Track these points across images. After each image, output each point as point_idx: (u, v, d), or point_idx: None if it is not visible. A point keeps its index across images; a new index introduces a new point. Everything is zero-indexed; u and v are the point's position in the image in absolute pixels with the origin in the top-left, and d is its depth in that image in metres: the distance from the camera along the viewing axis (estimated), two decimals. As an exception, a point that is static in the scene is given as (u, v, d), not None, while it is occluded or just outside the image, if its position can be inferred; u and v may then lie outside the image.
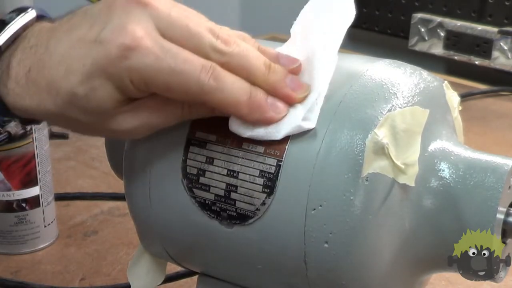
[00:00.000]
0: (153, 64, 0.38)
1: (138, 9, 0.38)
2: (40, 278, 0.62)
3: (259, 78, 0.40)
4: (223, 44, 0.39)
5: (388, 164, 0.40)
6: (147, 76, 0.38)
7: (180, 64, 0.38)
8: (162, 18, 0.39)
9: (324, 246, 0.40)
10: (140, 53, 0.38)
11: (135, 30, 0.38)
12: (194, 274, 0.55)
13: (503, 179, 0.41)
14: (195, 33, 0.39)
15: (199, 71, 0.38)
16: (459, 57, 1.19)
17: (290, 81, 0.41)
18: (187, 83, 0.38)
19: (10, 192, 0.64)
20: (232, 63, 0.39)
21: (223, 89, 0.39)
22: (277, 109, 0.40)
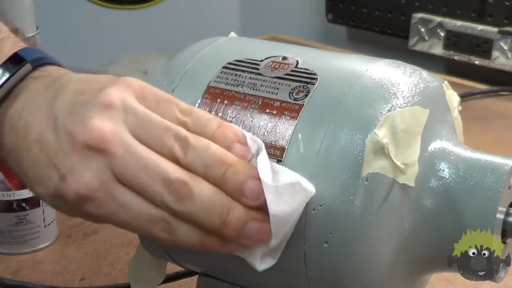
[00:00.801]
0: (106, 215, 0.39)
1: (96, 156, 0.38)
2: (40, 278, 0.62)
3: (213, 231, 0.39)
4: (176, 201, 0.38)
5: (388, 164, 0.40)
6: (102, 220, 0.40)
7: (132, 218, 0.39)
8: (118, 167, 0.38)
9: (324, 246, 0.40)
10: (94, 204, 0.39)
11: (92, 182, 0.38)
12: (194, 274, 0.55)
13: (503, 179, 0.41)
14: (147, 188, 0.38)
15: (150, 225, 0.39)
16: (459, 57, 1.19)
17: (248, 230, 0.39)
18: (140, 233, 0.41)
19: (10, 192, 0.64)
20: (185, 218, 0.39)
21: (175, 239, 0.39)
22: (232, 249, 0.40)
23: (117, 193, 0.39)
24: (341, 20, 1.39)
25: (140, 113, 0.39)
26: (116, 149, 0.38)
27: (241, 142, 0.40)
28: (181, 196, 0.38)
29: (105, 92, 0.39)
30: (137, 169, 0.38)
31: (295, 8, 1.52)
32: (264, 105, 0.43)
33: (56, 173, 0.39)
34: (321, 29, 1.47)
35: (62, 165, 0.39)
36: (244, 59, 0.46)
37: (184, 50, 0.49)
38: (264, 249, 0.40)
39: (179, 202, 0.38)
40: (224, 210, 0.38)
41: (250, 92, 0.44)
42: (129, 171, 0.38)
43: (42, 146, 0.40)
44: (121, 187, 0.39)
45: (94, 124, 0.38)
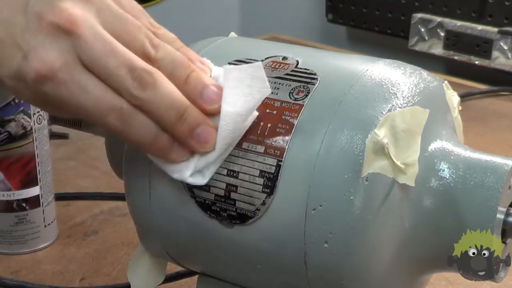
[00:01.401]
0: (64, 96, 0.39)
1: (63, 37, 0.38)
2: (40, 278, 0.62)
3: (166, 126, 0.40)
4: (138, 88, 0.39)
5: (388, 164, 0.40)
6: (59, 104, 0.40)
7: (90, 102, 0.39)
8: (84, 50, 0.39)
9: (324, 246, 0.40)
10: (54, 84, 0.39)
11: (54, 61, 0.38)
12: (194, 274, 0.55)
13: (503, 179, 0.41)
14: (112, 73, 0.39)
15: (107, 112, 0.39)
16: (459, 57, 1.19)
17: (199, 132, 0.40)
18: (94, 120, 0.40)
19: (10, 192, 0.64)
20: (144, 107, 0.39)
21: (128, 131, 0.40)
22: (178, 154, 0.41)
23: (78, 75, 0.39)
24: (341, 20, 1.39)
25: (114, 9, 0.40)
26: (84, 32, 0.38)
27: (201, 61, 0.42)
28: (144, 83, 0.39)
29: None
30: (103, 53, 0.39)
31: (295, 8, 1.52)
32: (264, 105, 0.43)
33: (19, 52, 0.39)
34: (321, 29, 1.47)
35: (26, 44, 0.39)
36: (244, 59, 0.46)
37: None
38: (199, 164, 0.41)
39: (141, 89, 0.39)
40: (182, 107, 0.40)
41: (250, 92, 0.44)
42: (95, 54, 0.39)
43: (9, 27, 0.39)
44: (84, 70, 0.39)
45: (65, 6, 0.39)
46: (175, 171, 0.42)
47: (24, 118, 0.63)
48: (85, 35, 0.39)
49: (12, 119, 0.62)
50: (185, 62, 0.41)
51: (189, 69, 0.41)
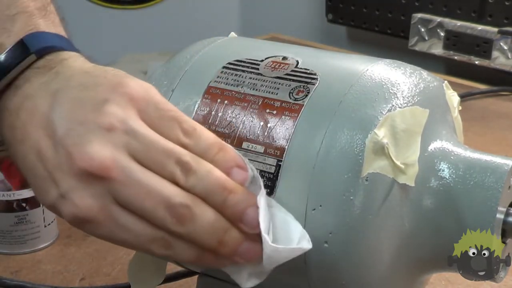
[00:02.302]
0: (106, 235, 0.39)
1: (97, 182, 0.38)
2: (40, 278, 0.62)
3: (210, 250, 0.39)
4: (177, 224, 0.38)
5: (388, 164, 0.40)
6: (101, 237, 0.40)
7: (131, 238, 0.39)
8: (119, 192, 0.38)
9: (324, 246, 0.40)
10: (93, 225, 0.39)
11: (92, 205, 0.38)
12: (194, 274, 0.55)
13: (503, 179, 0.41)
14: (149, 213, 0.38)
15: (149, 243, 0.39)
16: (459, 57, 1.19)
17: (242, 250, 0.39)
18: (140, 249, 0.41)
19: (10, 192, 0.64)
20: (184, 238, 0.39)
21: (173, 255, 0.40)
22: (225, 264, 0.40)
23: (117, 216, 0.39)
24: (341, 20, 1.39)
25: (141, 135, 0.39)
26: (117, 175, 0.38)
27: (240, 166, 0.40)
28: (183, 219, 0.38)
29: (105, 112, 0.39)
30: (138, 194, 0.38)
31: (295, 8, 1.52)
32: (264, 105, 0.43)
33: (55, 190, 0.39)
34: (321, 29, 1.47)
35: (61, 183, 0.39)
36: (244, 59, 0.46)
37: (184, 50, 0.49)
38: (252, 269, 0.40)
39: (180, 224, 0.38)
40: (221, 232, 0.39)
41: (250, 92, 0.44)
42: (131, 196, 0.38)
43: (40, 158, 0.39)
44: (122, 210, 0.39)
45: (94, 150, 0.38)
46: (231, 271, 0.41)
47: (24, 118, 0.63)
48: (118, 177, 0.38)
49: None
50: (219, 186, 0.39)
51: (224, 193, 0.39)
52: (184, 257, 0.40)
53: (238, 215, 0.39)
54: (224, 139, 0.42)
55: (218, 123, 0.43)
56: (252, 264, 0.40)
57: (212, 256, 0.40)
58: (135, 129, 0.39)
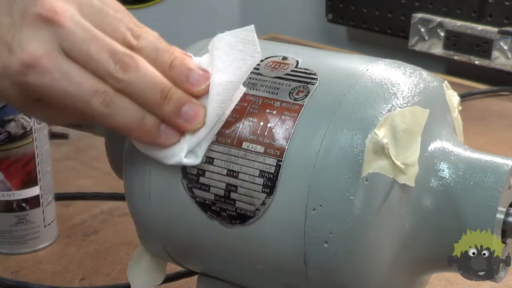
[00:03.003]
0: (48, 84, 0.40)
1: (45, 27, 0.39)
2: (40, 278, 0.62)
3: (152, 107, 0.40)
4: (120, 70, 0.40)
5: (388, 164, 0.40)
6: (43, 93, 0.40)
7: (73, 87, 0.40)
8: (66, 37, 0.40)
9: (324, 246, 0.40)
10: (37, 72, 0.39)
11: (36, 50, 0.39)
12: (194, 274, 0.55)
13: (503, 179, 0.41)
14: (94, 58, 0.40)
15: (91, 96, 0.40)
16: (459, 57, 1.19)
17: (186, 109, 0.40)
18: (79, 106, 0.40)
19: (10, 192, 0.64)
20: (127, 90, 0.40)
21: (113, 114, 0.40)
22: (168, 136, 0.41)
23: (61, 62, 0.39)
24: (341, 20, 1.39)
25: (96, 4, 0.41)
26: (66, 21, 0.39)
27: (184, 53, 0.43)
28: (126, 66, 0.40)
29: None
30: (84, 39, 0.40)
31: (295, 8, 1.52)
32: (264, 105, 0.43)
33: (5, 49, 0.40)
34: (321, 29, 1.47)
35: (11, 40, 0.40)
36: (244, 59, 0.46)
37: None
38: (191, 142, 0.41)
39: (123, 71, 0.39)
40: (166, 87, 0.40)
41: (250, 92, 0.44)
42: (76, 41, 0.39)
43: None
44: (66, 58, 0.40)
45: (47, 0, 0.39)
46: (169, 157, 0.41)
47: (24, 118, 0.63)
48: (67, 23, 0.40)
49: (12, 119, 0.62)
50: (168, 48, 0.42)
51: (172, 55, 0.41)
52: (124, 117, 0.40)
53: (184, 73, 0.41)
54: (224, 139, 0.43)
55: (218, 123, 0.43)
56: (191, 135, 0.41)
57: (154, 122, 0.40)
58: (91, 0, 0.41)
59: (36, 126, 0.64)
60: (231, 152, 0.42)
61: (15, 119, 0.62)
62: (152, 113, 0.40)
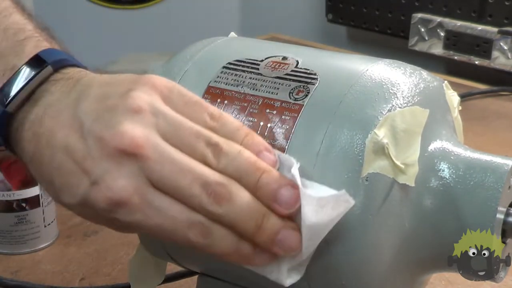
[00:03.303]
0: (140, 221, 0.38)
1: (129, 161, 0.37)
2: (40, 278, 0.62)
3: (247, 236, 0.38)
4: (214, 203, 0.37)
5: (388, 164, 0.40)
6: (135, 227, 0.38)
7: (168, 221, 0.38)
8: (153, 171, 0.37)
9: (324, 246, 0.40)
10: (127, 210, 0.37)
11: (125, 187, 0.37)
12: (194, 274, 0.55)
13: (503, 179, 0.41)
14: (185, 191, 0.37)
15: (187, 228, 0.38)
16: (459, 57, 1.19)
17: (280, 239, 0.38)
18: (175, 238, 0.38)
19: (10, 192, 0.64)
20: (222, 221, 0.38)
21: (210, 244, 0.38)
22: (264, 260, 0.39)
23: (152, 197, 0.37)
24: (341, 20, 1.39)
25: (170, 117, 0.38)
26: (150, 153, 0.37)
27: (268, 150, 0.40)
28: (219, 198, 0.37)
29: (132, 96, 0.38)
30: (173, 172, 0.37)
31: (295, 8, 1.52)
32: (264, 105, 0.43)
33: (86, 180, 0.38)
34: (321, 29, 1.47)
35: (92, 171, 0.37)
36: (244, 59, 0.46)
37: (184, 50, 0.49)
38: (291, 263, 0.39)
39: (218, 204, 0.37)
40: (259, 216, 0.38)
41: (250, 92, 0.44)
42: (165, 175, 0.37)
43: (68, 152, 0.38)
44: (156, 191, 0.37)
45: (125, 129, 0.37)
46: (268, 272, 0.40)
47: (24, 118, 0.63)
48: (152, 155, 0.37)
49: None
50: (251, 166, 0.38)
51: (257, 172, 0.38)
52: (221, 246, 0.38)
53: (273, 193, 0.38)
54: (224, 139, 0.42)
55: (218, 123, 0.43)
56: (290, 256, 0.39)
57: (249, 247, 0.39)
58: (162, 111, 0.38)
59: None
60: (231, 152, 0.42)
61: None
62: (247, 240, 0.39)
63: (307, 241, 0.38)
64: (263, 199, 0.38)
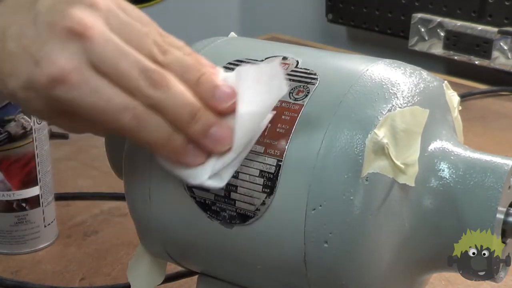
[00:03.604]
0: (76, 99, 0.39)
1: (74, 41, 0.39)
2: (40, 278, 0.63)
3: (181, 126, 0.40)
4: (151, 87, 0.39)
5: (388, 164, 0.40)
6: (71, 107, 0.39)
7: (102, 102, 0.39)
8: (95, 52, 0.39)
9: (324, 246, 0.40)
10: (65, 87, 0.39)
11: (65, 64, 0.38)
12: (194, 274, 0.55)
13: (503, 179, 0.41)
14: (124, 74, 0.39)
15: (120, 111, 0.39)
16: (459, 57, 1.19)
17: (214, 131, 0.40)
18: (108, 121, 0.39)
19: (10, 192, 0.64)
20: (157, 107, 0.39)
21: (143, 130, 0.40)
22: (194, 156, 0.41)
23: (90, 77, 0.39)
24: (341, 20, 1.39)
25: (122, 17, 0.40)
26: (96, 35, 0.39)
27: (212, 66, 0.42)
28: (157, 83, 0.39)
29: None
30: (115, 55, 0.39)
31: (295, 8, 1.52)
32: (264, 105, 0.43)
33: (30, 61, 0.39)
34: (321, 29, 1.47)
35: (37, 52, 0.39)
36: (244, 59, 0.46)
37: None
38: (217, 165, 0.41)
39: (154, 88, 0.39)
40: (195, 107, 0.40)
41: (250, 92, 0.44)
42: (107, 56, 0.39)
43: (20, 39, 0.40)
44: (95, 72, 0.39)
45: (76, 13, 0.39)
46: (192, 177, 0.41)
47: (24, 118, 0.63)
48: (96, 38, 0.39)
49: (12, 119, 0.62)
50: (195, 65, 0.41)
51: (199, 72, 0.41)
52: (154, 134, 0.40)
53: (211, 90, 0.41)
54: (224, 139, 0.42)
55: (218, 123, 0.43)
56: (218, 158, 0.41)
57: (182, 140, 0.40)
58: (116, 11, 0.40)
59: (36, 126, 0.64)
60: (231, 152, 0.42)
61: (15, 119, 0.62)
62: (181, 132, 0.40)
63: (239, 133, 0.40)
64: (201, 96, 0.40)
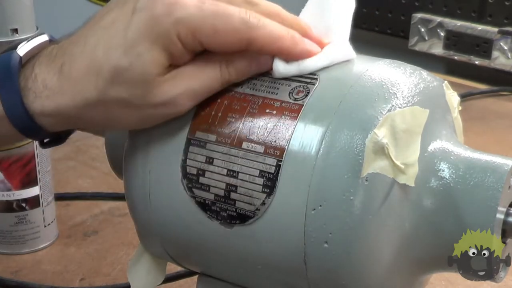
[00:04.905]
0: (197, 13, 0.41)
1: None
2: (40, 278, 0.63)
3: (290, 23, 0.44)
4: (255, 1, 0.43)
5: (388, 164, 0.40)
6: (194, 24, 0.41)
7: (221, 8, 0.41)
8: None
9: (324, 246, 0.40)
10: (183, 6, 0.40)
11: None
12: (194, 274, 0.55)
13: (503, 179, 0.41)
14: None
15: (241, 13, 0.41)
16: (459, 57, 1.19)
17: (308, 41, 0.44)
18: (232, 22, 0.41)
19: (10, 192, 0.64)
20: (265, 12, 0.43)
21: (265, 25, 0.42)
22: (312, 44, 0.44)
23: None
24: (341, 20, 1.39)
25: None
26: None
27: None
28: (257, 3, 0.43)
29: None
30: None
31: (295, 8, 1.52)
32: (264, 105, 0.43)
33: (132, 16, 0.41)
34: (321, 29, 1.47)
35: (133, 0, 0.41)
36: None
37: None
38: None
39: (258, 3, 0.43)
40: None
41: (250, 92, 0.44)
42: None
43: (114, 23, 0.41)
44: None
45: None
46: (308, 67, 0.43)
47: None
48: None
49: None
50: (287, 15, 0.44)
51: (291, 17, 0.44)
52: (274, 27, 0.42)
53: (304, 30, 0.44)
54: (224, 139, 0.43)
55: (218, 123, 0.43)
56: None
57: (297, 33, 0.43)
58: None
59: (36, 126, 0.64)
60: (231, 152, 0.42)
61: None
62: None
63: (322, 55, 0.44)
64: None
